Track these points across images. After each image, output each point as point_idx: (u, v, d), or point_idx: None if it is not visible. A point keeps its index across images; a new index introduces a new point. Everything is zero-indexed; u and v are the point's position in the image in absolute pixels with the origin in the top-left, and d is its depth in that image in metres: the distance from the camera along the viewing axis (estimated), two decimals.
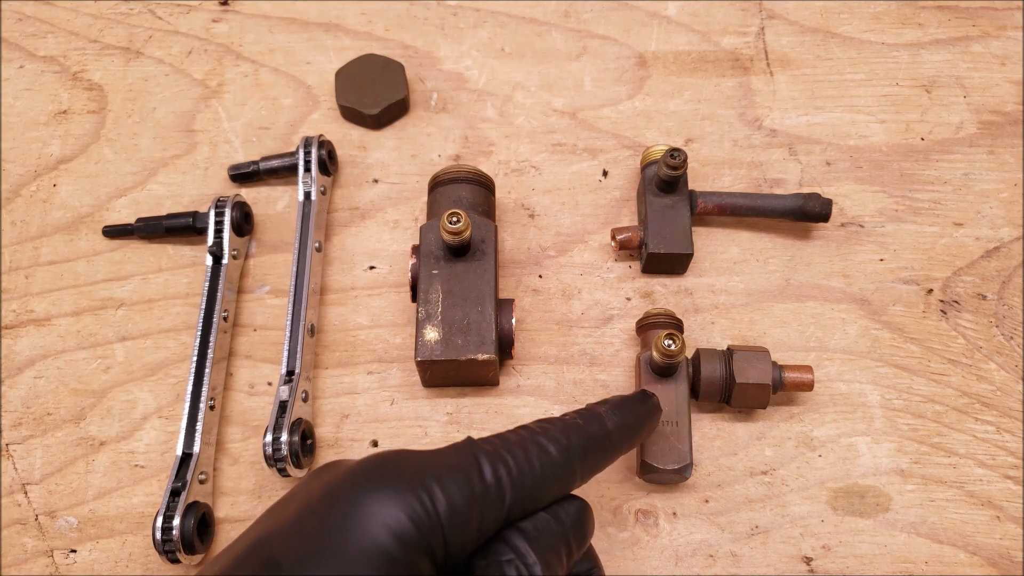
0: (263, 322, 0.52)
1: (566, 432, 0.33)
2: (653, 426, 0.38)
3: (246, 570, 0.27)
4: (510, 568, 0.30)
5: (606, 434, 0.34)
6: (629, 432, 0.35)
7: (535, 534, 0.31)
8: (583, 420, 0.34)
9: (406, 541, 0.27)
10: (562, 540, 0.32)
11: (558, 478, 0.32)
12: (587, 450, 0.33)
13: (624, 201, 0.55)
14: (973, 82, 0.59)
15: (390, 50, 0.61)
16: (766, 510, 0.46)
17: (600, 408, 0.35)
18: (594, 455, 0.33)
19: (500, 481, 0.30)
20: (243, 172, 0.55)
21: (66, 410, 0.50)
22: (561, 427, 0.33)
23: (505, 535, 0.31)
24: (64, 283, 0.53)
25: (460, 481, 0.29)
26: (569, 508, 0.33)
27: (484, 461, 0.30)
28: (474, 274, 0.48)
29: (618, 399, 0.37)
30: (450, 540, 0.29)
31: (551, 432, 0.33)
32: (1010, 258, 0.53)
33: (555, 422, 0.33)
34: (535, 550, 0.30)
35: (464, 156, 0.57)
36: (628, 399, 0.37)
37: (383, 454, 0.30)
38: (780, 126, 0.58)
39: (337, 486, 0.29)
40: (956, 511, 0.46)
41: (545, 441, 0.32)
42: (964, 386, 0.49)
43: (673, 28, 0.61)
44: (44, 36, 0.62)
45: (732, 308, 0.52)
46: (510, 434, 0.32)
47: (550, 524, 0.32)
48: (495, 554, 0.30)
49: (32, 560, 0.46)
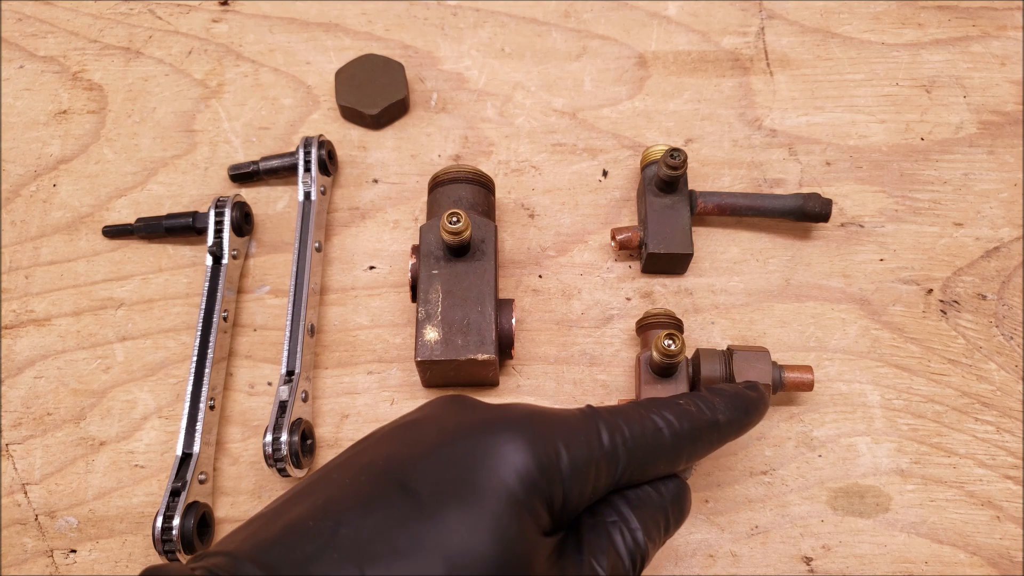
0: (263, 322, 0.52)
1: (680, 417, 0.34)
2: (760, 419, 0.39)
3: (383, 491, 0.29)
4: (614, 529, 0.33)
5: (716, 424, 0.36)
6: (737, 425, 0.37)
7: (639, 503, 0.34)
8: (696, 408, 0.35)
9: (532, 487, 0.30)
10: (662, 512, 0.34)
11: (666, 458, 0.34)
12: (696, 438, 0.35)
13: (624, 201, 0.55)
14: (973, 82, 0.59)
15: (390, 50, 0.61)
16: (766, 510, 0.46)
17: (715, 399, 0.37)
18: (702, 443, 0.35)
19: (616, 448, 0.32)
20: (243, 172, 0.55)
21: (66, 410, 0.50)
22: (676, 412, 0.35)
23: (612, 499, 0.33)
24: (64, 283, 0.53)
25: (583, 442, 0.32)
26: (670, 485, 0.35)
27: (603, 428, 0.32)
28: (474, 274, 0.48)
29: (732, 392, 0.38)
30: (568, 494, 0.31)
31: (666, 415, 0.34)
32: (1010, 258, 0.53)
33: (671, 406, 0.35)
34: (638, 517, 0.33)
35: (464, 156, 0.57)
36: (742, 394, 0.38)
37: (518, 407, 0.33)
38: (780, 126, 0.58)
39: (477, 427, 0.31)
40: (956, 511, 0.46)
41: (660, 422, 0.34)
42: (964, 386, 0.49)
43: (673, 28, 0.61)
44: (44, 36, 0.62)
45: (732, 308, 0.52)
46: (629, 408, 0.34)
47: (652, 496, 0.34)
48: (602, 515, 0.33)
49: (32, 560, 0.46)
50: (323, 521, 0.28)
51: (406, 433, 0.32)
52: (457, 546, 0.27)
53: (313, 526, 0.28)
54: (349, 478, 0.30)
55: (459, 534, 0.27)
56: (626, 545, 0.32)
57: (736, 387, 0.39)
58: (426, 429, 0.32)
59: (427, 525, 0.27)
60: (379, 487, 0.29)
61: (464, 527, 0.28)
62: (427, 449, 0.30)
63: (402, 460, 0.30)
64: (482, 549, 0.27)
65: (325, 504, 0.29)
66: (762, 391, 0.39)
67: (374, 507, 0.28)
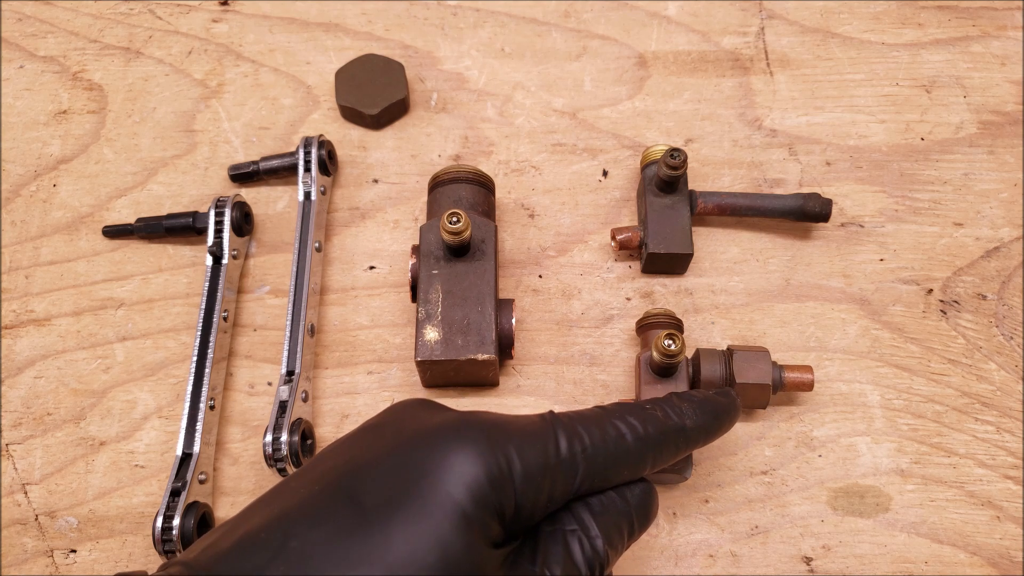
0: (263, 322, 0.52)
1: (644, 421, 0.34)
2: (731, 424, 0.38)
3: (332, 502, 0.29)
4: (573, 538, 0.32)
5: (682, 430, 0.35)
6: (705, 432, 0.36)
7: (600, 509, 0.33)
8: (663, 413, 0.35)
9: (481, 500, 0.29)
10: (625, 518, 0.33)
11: (629, 464, 0.33)
12: (661, 443, 0.34)
13: (624, 201, 0.55)
14: (973, 82, 0.59)
15: (390, 50, 0.61)
16: (766, 510, 0.46)
17: (683, 403, 0.36)
18: (667, 448, 0.34)
19: (574, 456, 0.32)
20: (243, 172, 0.55)
21: (66, 410, 0.50)
22: (640, 416, 0.34)
23: (573, 507, 0.33)
24: (64, 283, 0.53)
25: (538, 451, 0.31)
26: (635, 489, 0.34)
27: (561, 435, 0.32)
28: (474, 274, 0.48)
29: (702, 397, 0.37)
30: (521, 504, 0.30)
31: (630, 419, 0.33)
32: (1010, 258, 0.53)
33: (636, 410, 0.34)
34: (599, 524, 0.32)
35: (464, 156, 0.57)
36: (711, 399, 0.37)
37: (477, 415, 0.32)
38: (780, 126, 0.58)
39: (431, 434, 0.31)
40: (956, 511, 0.46)
41: (623, 427, 0.33)
42: (964, 386, 0.49)
43: (673, 28, 0.61)
44: (44, 36, 0.62)
45: (732, 308, 0.52)
46: (590, 412, 0.34)
47: (615, 502, 0.33)
48: (562, 523, 0.32)
49: (32, 560, 0.46)
50: (274, 533, 0.28)
51: (365, 438, 0.32)
52: (400, 561, 0.27)
53: (265, 537, 0.28)
54: (304, 487, 0.30)
55: (403, 549, 0.27)
56: (584, 553, 0.32)
57: (706, 393, 0.38)
58: (384, 434, 0.32)
59: (372, 539, 0.27)
60: (329, 498, 0.29)
61: (408, 542, 0.27)
62: (379, 456, 0.30)
63: (355, 469, 0.30)
64: (426, 565, 0.27)
65: (279, 515, 0.29)
66: (733, 397, 0.38)
67: (322, 519, 0.28)
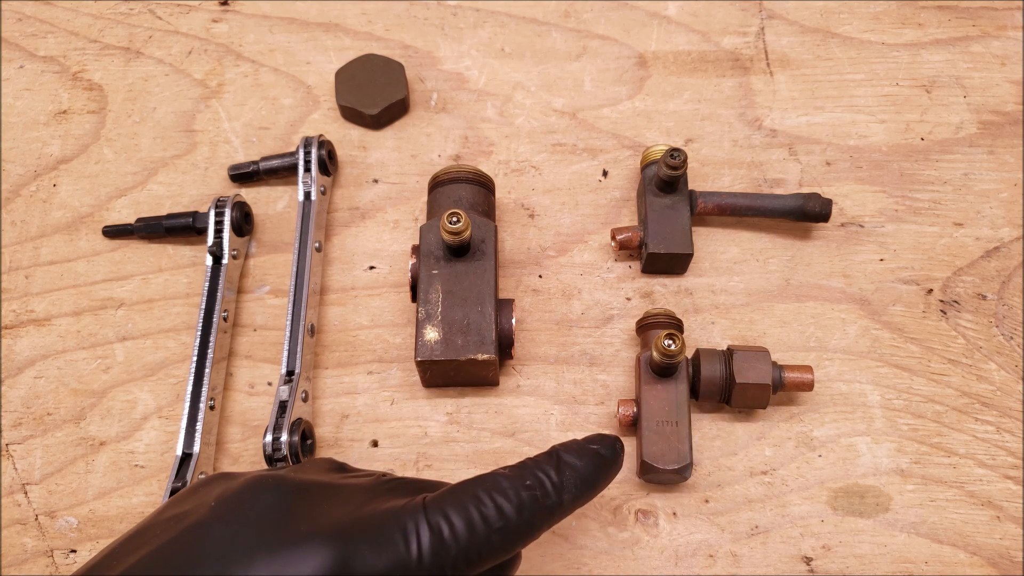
0: (263, 322, 0.52)
1: (519, 510, 0.32)
2: (609, 482, 0.36)
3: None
4: None
5: (559, 507, 0.33)
6: (583, 500, 0.34)
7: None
8: (542, 493, 0.32)
9: None
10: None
11: (496, 557, 0.32)
12: (534, 528, 0.32)
13: (624, 201, 0.55)
14: (973, 82, 0.59)
15: (390, 50, 0.61)
16: (766, 510, 0.46)
17: (564, 474, 0.33)
18: (541, 529, 0.32)
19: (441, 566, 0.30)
20: (243, 172, 0.55)
21: (66, 410, 0.50)
22: (515, 505, 0.32)
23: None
24: (64, 283, 0.53)
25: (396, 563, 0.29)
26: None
27: (426, 548, 0.30)
28: (474, 274, 0.48)
29: (587, 460, 0.34)
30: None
31: (504, 513, 0.31)
32: (1010, 258, 0.53)
33: (511, 496, 0.32)
34: None
35: (464, 156, 0.57)
36: (595, 461, 0.34)
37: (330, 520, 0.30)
38: (780, 126, 0.58)
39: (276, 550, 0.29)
40: (956, 511, 0.46)
41: (496, 522, 0.31)
42: (964, 386, 0.49)
43: (673, 28, 0.61)
44: (44, 36, 0.62)
45: (732, 308, 0.52)
46: (456, 513, 0.31)
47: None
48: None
49: (32, 560, 0.46)
50: None
51: (187, 539, 0.30)
52: None
53: None
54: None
55: None
56: None
57: (592, 451, 0.35)
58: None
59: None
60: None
61: None
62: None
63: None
64: None
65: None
66: (617, 448, 0.36)
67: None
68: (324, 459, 0.39)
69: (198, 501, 0.32)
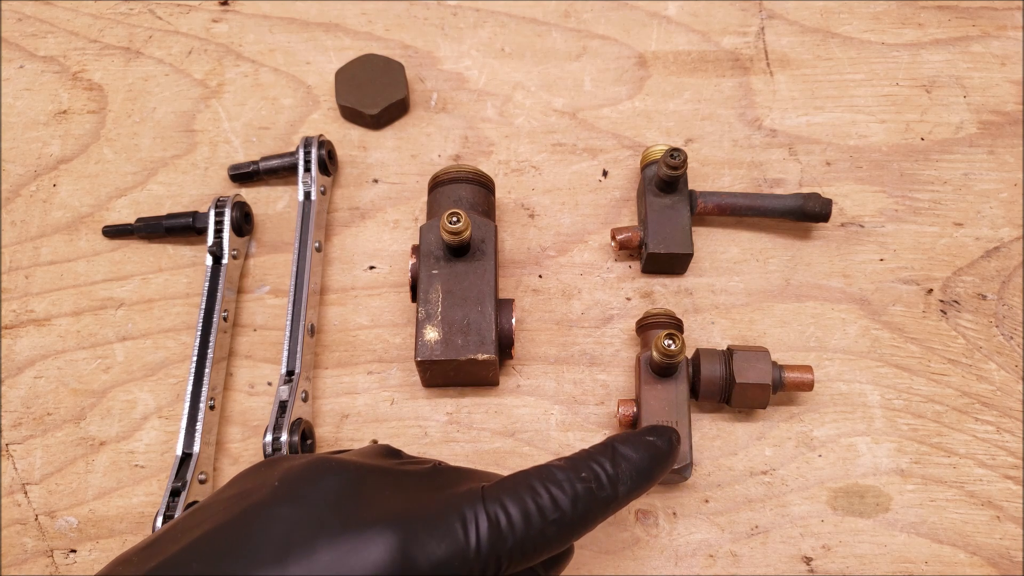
0: (263, 322, 0.52)
1: (574, 502, 0.31)
2: (667, 471, 0.35)
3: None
4: None
5: (614, 500, 0.33)
6: (639, 491, 0.34)
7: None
8: (597, 486, 0.32)
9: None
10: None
11: (552, 549, 0.32)
12: (589, 520, 0.32)
13: (624, 201, 0.55)
14: (973, 82, 0.59)
15: (390, 50, 0.61)
16: (766, 510, 0.46)
17: (620, 467, 0.33)
18: (596, 522, 0.33)
19: (498, 556, 0.30)
20: (243, 172, 0.55)
21: (66, 410, 0.50)
22: (571, 496, 0.31)
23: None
24: (64, 283, 0.53)
25: (457, 557, 0.29)
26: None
27: (484, 547, 0.30)
28: (474, 274, 0.48)
29: (643, 452, 0.34)
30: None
31: (559, 503, 0.31)
32: (1010, 258, 0.53)
33: (566, 488, 0.32)
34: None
35: (464, 156, 0.57)
36: (651, 452, 0.34)
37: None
38: (780, 126, 0.58)
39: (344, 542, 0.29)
40: (956, 511, 0.46)
41: (551, 513, 0.31)
42: (964, 386, 0.49)
43: (673, 28, 0.61)
44: (44, 36, 0.62)
45: (732, 308, 0.52)
46: (515, 506, 0.31)
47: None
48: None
49: (32, 560, 0.46)
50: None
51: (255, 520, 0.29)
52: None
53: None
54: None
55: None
56: None
57: (648, 443, 0.34)
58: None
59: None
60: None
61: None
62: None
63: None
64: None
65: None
66: (673, 439, 0.35)
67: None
68: (380, 445, 0.39)
69: (261, 480, 0.31)
